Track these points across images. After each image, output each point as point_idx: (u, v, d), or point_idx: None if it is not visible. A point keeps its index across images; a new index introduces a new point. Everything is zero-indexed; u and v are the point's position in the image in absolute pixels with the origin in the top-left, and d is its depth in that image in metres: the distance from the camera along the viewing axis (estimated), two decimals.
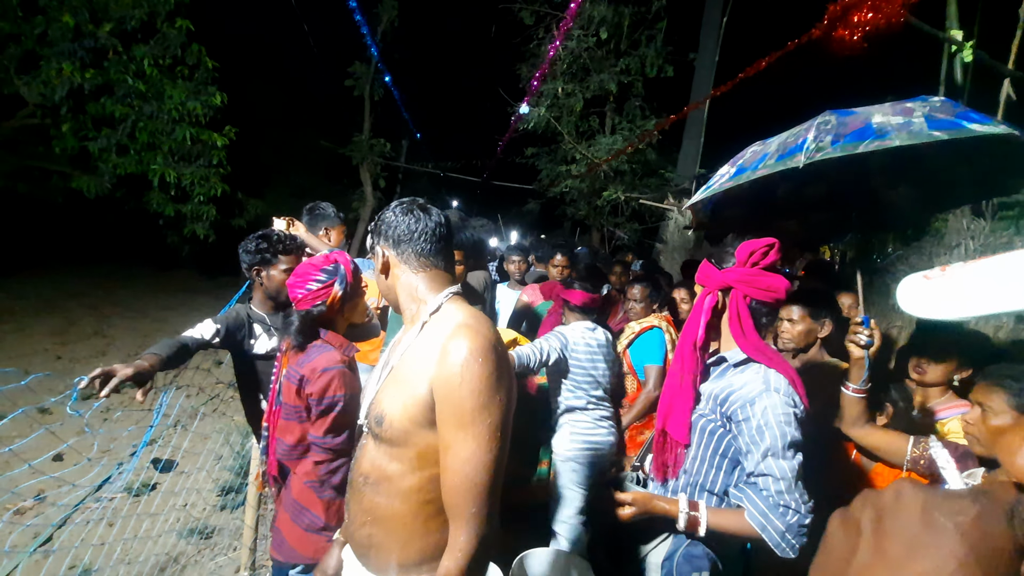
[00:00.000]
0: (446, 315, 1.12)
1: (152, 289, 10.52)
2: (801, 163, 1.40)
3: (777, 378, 1.38)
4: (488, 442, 0.99)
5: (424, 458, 1.07)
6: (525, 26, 9.80)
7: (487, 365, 1.01)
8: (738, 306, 1.45)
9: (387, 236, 1.19)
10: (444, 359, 1.02)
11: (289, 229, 2.47)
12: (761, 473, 1.33)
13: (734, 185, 1.62)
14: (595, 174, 8.87)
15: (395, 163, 14.67)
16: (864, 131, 1.38)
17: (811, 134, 1.46)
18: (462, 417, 0.99)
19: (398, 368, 1.14)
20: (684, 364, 1.51)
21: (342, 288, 1.74)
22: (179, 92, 7.50)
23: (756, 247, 1.44)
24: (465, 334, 1.03)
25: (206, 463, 3.38)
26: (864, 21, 2.68)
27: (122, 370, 1.59)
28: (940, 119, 1.35)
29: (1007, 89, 3.30)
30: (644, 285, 2.98)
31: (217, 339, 2.00)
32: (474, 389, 0.99)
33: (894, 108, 1.44)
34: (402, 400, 1.07)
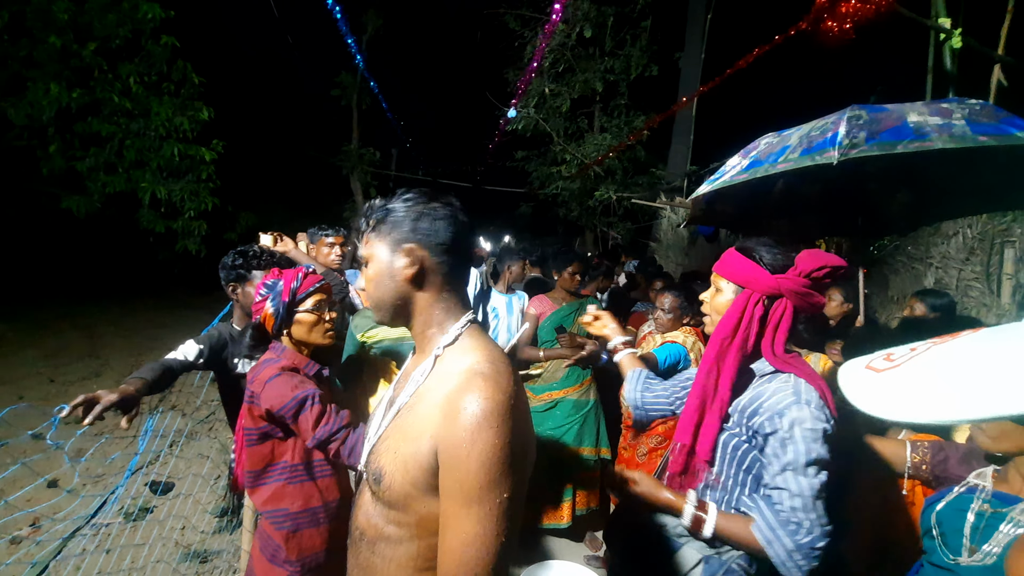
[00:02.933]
0: (462, 351, 0.95)
1: (145, 307, 10.43)
2: (835, 159, 1.32)
3: (808, 390, 1.26)
4: (496, 524, 0.82)
5: (425, 526, 0.91)
6: (510, 31, 9.81)
7: (503, 432, 0.83)
8: (782, 315, 1.32)
9: (431, 238, 0.95)
10: (453, 417, 0.84)
11: (276, 245, 2.43)
12: (777, 487, 1.23)
13: (748, 178, 1.54)
14: (586, 174, 8.85)
15: (385, 172, 14.64)
16: (900, 130, 1.32)
17: (842, 128, 1.38)
18: (468, 493, 0.81)
19: (404, 414, 0.96)
20: (722, 375, 1.34)
21: (274, 306, 1.65)
22: (166, 108, 7.46)
23: (828, 263, 1.28)
24: (480, 388, 0.85)
25: (200, 485, 3.32)
26: (852, 11, 2.66)
27: (106, 397, 1.54)
28: (984, 123, 1.28)
29: (998, 75, 3.29)
30: (676, 295, 2.70)
31: (201, 360, 1.96)
32: (484, 461, 0.81)
33: (929, 108, 1.37)
34: (403, 458, 0.90)
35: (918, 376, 0.37)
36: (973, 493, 1.35)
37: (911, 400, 0.35)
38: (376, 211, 0.97)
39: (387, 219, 0.96)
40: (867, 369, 0.41)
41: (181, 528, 3.13)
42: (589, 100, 9.75)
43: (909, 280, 3.66)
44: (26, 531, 3.07)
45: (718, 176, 1.74)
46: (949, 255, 3.35)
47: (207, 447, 3.95)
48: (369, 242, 0.97)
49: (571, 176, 9.19)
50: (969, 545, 1.28)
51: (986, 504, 1.30)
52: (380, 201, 0.99)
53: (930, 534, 1.39)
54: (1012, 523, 1.23)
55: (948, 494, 1.40)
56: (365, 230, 0.98)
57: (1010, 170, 1.60)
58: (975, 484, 1.37)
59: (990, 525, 1.26)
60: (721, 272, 1.41)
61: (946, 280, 3.38)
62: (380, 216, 0.96)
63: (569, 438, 3.12)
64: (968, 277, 3.26)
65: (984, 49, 3.29)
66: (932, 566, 1.38)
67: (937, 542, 1.35)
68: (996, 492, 1.32)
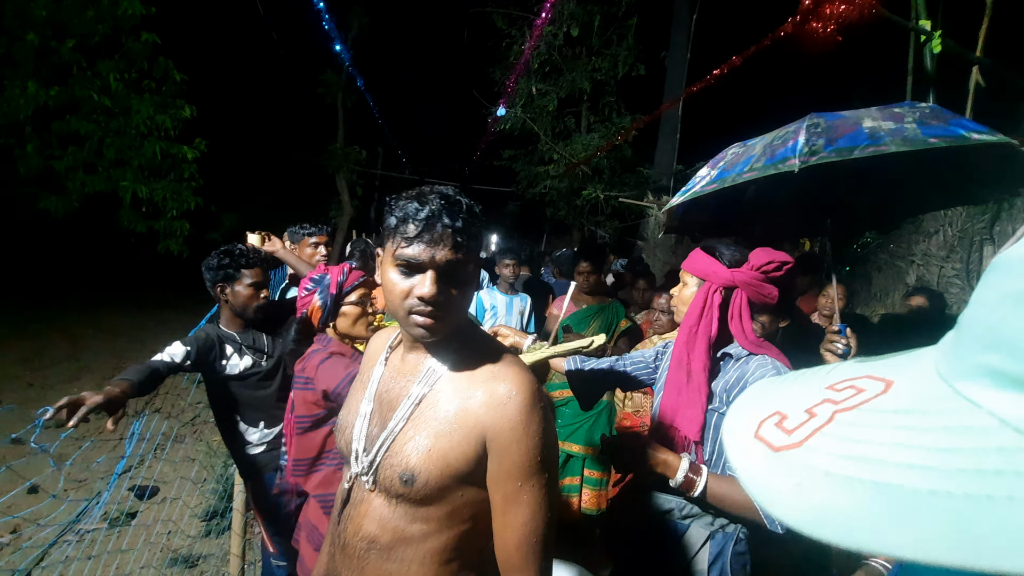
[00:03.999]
0: (476, 345, 1.00)
1: (126, 309, 10.24)
2: (796, 167, 1.38)
3: (782, 367, 1.41)
4: (550, 496, 0.92)
5: (456, 516, 0.95)
6: (497, 29, 9.79)
7: (546, 413, 0.93)
8: (740, 305, 1.46)
9: (479, 240, 0.95)
10: (500, 404, 0.91)
11: (264, 244, 2.40)
12: None
13: (717, 188, 1.61)
14: (573, 174, 8.88)
15: (371, 171, 14.54)
16: (856, 136, 1.37)
17: (802, 137, 1.44)
18: (528, 469, 0.89)
19: (427, 411, 0.96)
20: (692, 361, 1.47)
21: (321, 299, 1.74)
22: (146, 106, 7.33)
23: (775, 259, 1.44)
24: (517, 375, 0.94)
25: (187, 489, 3.27)
26: (836, 14, 2.70)
27: (91, 398, 1.51)
28: (934, 126, 1.34)
29: (976, 76, 3.37)
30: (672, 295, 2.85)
31: (188, 361, 1.93)
32: (538, 440, 0.90)
33: (883, 113, 1.43)
34: (442, 453, 0.92)
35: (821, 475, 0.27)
36: None
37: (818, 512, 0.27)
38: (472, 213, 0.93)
39: (480, 228, 0.95)
40: (757, 441, 0.31)
41: (168, 533, 3.08)
42: (576, 99, 9.77)
43: (891, 277, 3.73)
44: (7, 538, 3.00)
45: (688, 187, 1.79)
46: (930, 253, 3.43)
47: (193, 450, 3.89)
48: (470, 250, 0.93)
49: (558, 175, 9.20)
50: None
51: None
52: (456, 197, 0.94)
53: None
54: None
55: None
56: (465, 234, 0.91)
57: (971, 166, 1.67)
58: None
59: None
60: (687, 268, 1.56)
61: (927, 277, 3.45)
62: (479, 224, 0.94)
63: (578, 436, 3.12)
64: (949, 274, 3.33)
65: (963, 51, 3.37)
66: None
67: None
68: None
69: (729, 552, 1.42)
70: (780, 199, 2.09)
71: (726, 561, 1.41)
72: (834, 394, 0.33)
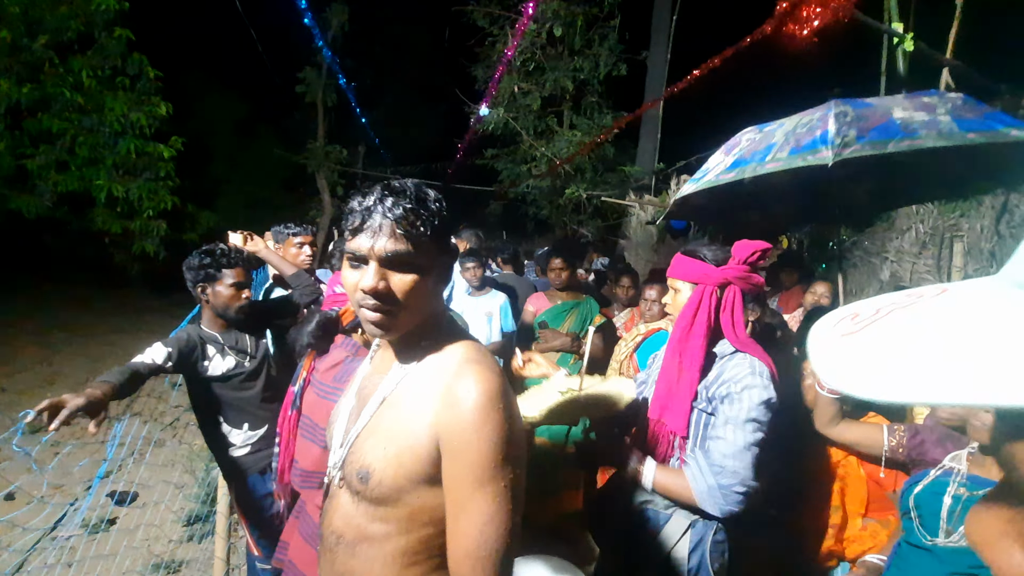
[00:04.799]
0: (447, 342, 0.96)
1: (101, 311, 9.99)
2: (829, 160, 1.30)
3: (761, 366, 1.44)
4: (508, 503, 0.84)
5: (416, 518, 0.91)
6: (479, 28, 9.77)
7: (506, 413, 0.86)
8: (734, 301, 1.50)
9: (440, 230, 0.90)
10: (454, 403, 0.85)
11: (246, 244, 2.37)
12: (715, 437, 1.41)
13: (735, 177, 1.54)
14: (556, 173, 8.91)
15: (352, 169, 14.39)
16: (888, 127, 1.33)
17: (831, 125, 1.37)
18: (480, 474, 0.83)
19: (387, 410, 0.94)
20: (685, 358, 1.51)
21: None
22: (120, 103, 7.17)
23: (756, 248, 1.49)
24: (478, 374, 0.87)
25: (168, 493, 3.21)
26: (813, 16, 2.77)
27: (72, 400, 1.48)
28: (969, 119, 1.31)
29: (946, 78, 3.47)
30: (661, 285, 2.88)
31: (170, 363, 1.91)
32: (494, 441, 0.83)
33: (912, 102, 1.39)
34: (396, 452, 0.89)
35: (877, 345, 0.34)
36: (949, 476, 1.41)
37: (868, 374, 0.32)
38: (433, 205, 0.90)
39: (446, 220, 0.91)
40: (832, 331, 0.39)
41: (149, 538, 3.03)
42: (559, 99, 9.80)
43: (866, 274, 3.83)
44: None
45: (702, 175, 1.73)
46: (903, 249, 3.52)
47: (174, 453, 3.82)
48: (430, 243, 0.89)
49: (541, 175, 9.23)
50: (946, 527, 1.34)
51: (962, 488, 1.36)
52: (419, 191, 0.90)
53: (908, 515, 1.45)
54: None
55: (925, 477, 1.46)
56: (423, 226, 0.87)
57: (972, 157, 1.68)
58: (951, 467, 1.43)
59: (966, 508, 1.32)
60: (675, 275, 1.59)
61: (900, 273, 3.54)
62: (444, 216, 0.90)
63: (555, 433, 3.14)
64: (921, 270, 3.43)
65: (934, 53, 3.47)
66: (910, 546, 1.45)
67: (915, 523, 1.42)
68: (971, 475, 1.38)
69: (708, 541, 1.45)
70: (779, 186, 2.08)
71: (705, 550, 1.45)
72: (902, 299, 0.40)
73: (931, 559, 1.36)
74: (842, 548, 1.86)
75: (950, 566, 1.32)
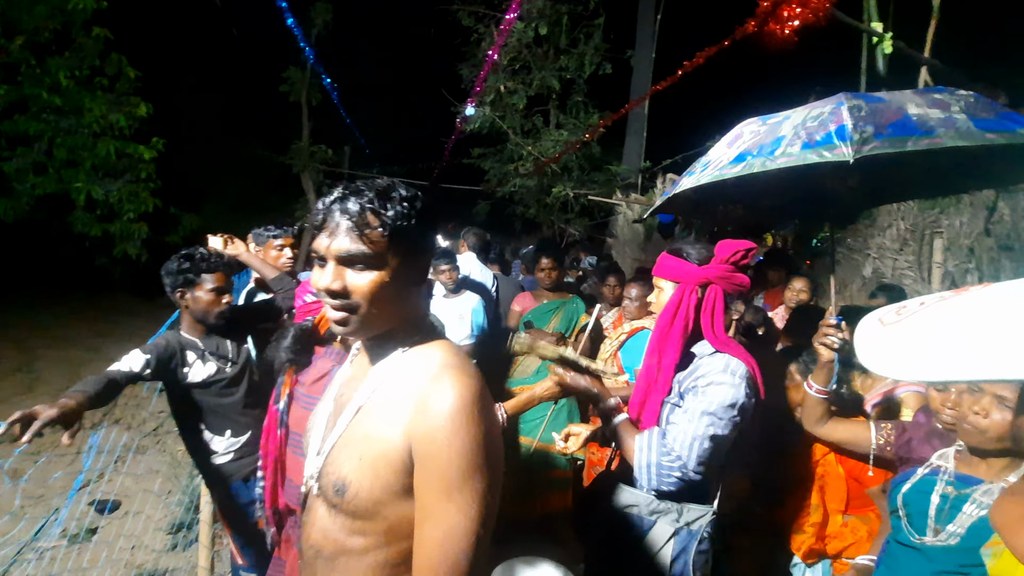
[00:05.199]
0: (424, 347, 0.93)
1: (82, 316, 9.81)
2: (850, 157, 1.24)
3: (737, 365, 1.44)
4: (478, 513, 0.81)
5: (395, 532, 0.88)
6: (464, 27, 9.74)
7: (480, 420, 0.83)
8: (715, 300, 1.50)
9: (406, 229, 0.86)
10: (428, 410, 0.83)
11: (226, 248, 2.33)
12: (671, 422, 1.45)
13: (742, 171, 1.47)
14: (543, 172, 8.91)
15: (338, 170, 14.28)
16: (905, 124, 1.29)
17: (848, 120, 1.30)
18: (448, 483, 0.80)
19: (364, 418, 0.91)
20: (663, 357, 1.52)
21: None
22: (99, 104, 7.04)
23: (739, 248, 1.49)
24: (452, 378, 0.85)
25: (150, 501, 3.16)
26: (793, 16, 2.79)
27: (45, 411, 1.45)
28: (986, 119, 1.29)
29: (924, 76, 3.52)
30: (643, 284, 2.91)
31: (148, 370, 1.87)
32: (465, 449, 0.80)
33: (924, 99, 1.35)
34: (372, 462, 0.86)
35: (921, 332, 0.37)
36: (936, 475, 1.41)
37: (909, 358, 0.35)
38: (399, 205, 0.86)
39: (414, 218, 0.87)
40: (878, 322, 0.41)
41: (132, 548, 2.97)
42: (545, 98, 9.80)
43: (849, 270, 3.87)
44: None
45: (703, 167, 1.65)
46: (885, 246, 3.57)
47: (156, 461, 3.76)
48: (391, 242, 0.85)
49: (528, 174, 9.22)
50: (934, 526, 1.34)
51: (950, 486, 1.37)
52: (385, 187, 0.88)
53: (896, 514, 1.46)
54: (975, 504, 1.29)
55: (913, 475, 1.46)
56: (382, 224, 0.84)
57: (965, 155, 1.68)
58: (938, 465, 1.43)
59: (954, 507, 1.32)
60: (659, 274, 1.60)
61: (882, 270, 3.59)
62: (409, 213, 0.86)
63: (538, 432, 3.14)
64: (902, 266, 3.48)
65: (912, 52, 3.52)
66: (899, 544, 1.45)
67: (903, 522, 1.42)
68: (959, 474, 1.38)
69: (692, 550, 1.45)
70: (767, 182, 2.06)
71: (688, 559, 1.45)
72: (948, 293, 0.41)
73: (920, 558, 1.37)
74: (823, 545, 1.87)
75: (939, 565, 1.32)
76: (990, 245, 3.13)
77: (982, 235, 3.13)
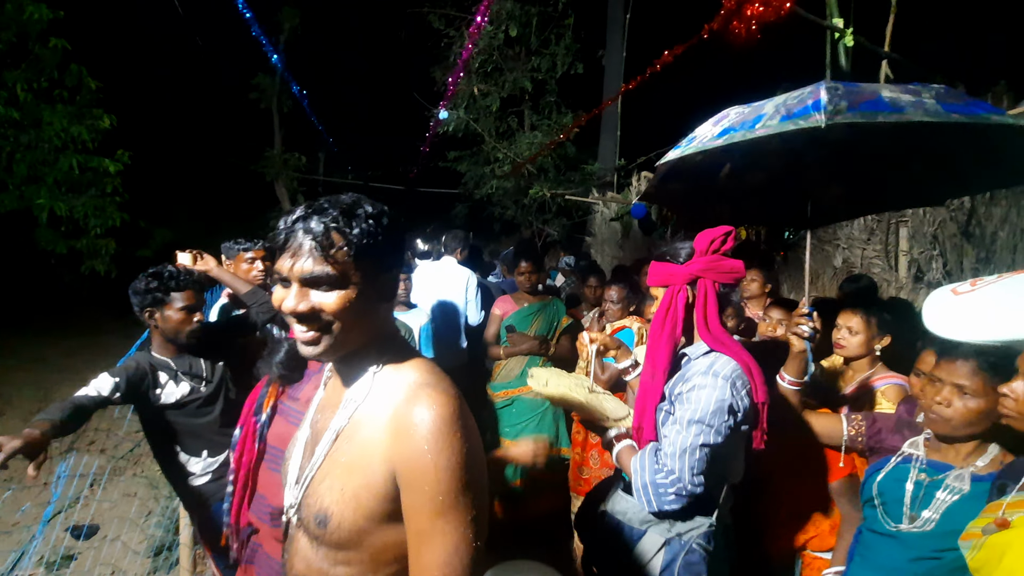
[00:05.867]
0: (398, 368, 0.91)
1: (51, 336, 9.49)
2: (823, 122, 1.34)
3: (724, 365, 1.41)
4: (471, 528, 0.81)
5: (380, 558, 0.87)
6: (435, 30, 9.69)
7: (462, 436, 0.82)
8: (707, 295, 1.47)
9: (373, 247, 0.85)
10: (407, 432, 0.81)
11: (196, 264, 2.28)
12: (663, 435, 1.42)
13: (724, 143, 1.54)
14: (519, 173, 8.92)
15: (313, 177, 14.10)
16: (877, 103, 1.37)
17: (824, 96, 1.39)
18: (440, 504, 0.79)
19: (342, 445, 0.89)
20: (656, 364, 1.50)
21: None
22: (59, 117, 6.85)
23: (715, 235, 1.47)
24: (430, 398, 0.83)
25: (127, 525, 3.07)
26: (756, 14, 2.84)
27: (8, 444, 1.39)
28: (953, 103, 1.37)
29: (885, 70, 3.61)
30: (622, 286, 2.96)
31: (117, 394, 1.81)
32: (451, 467, 0.79)
33: (898, 87, 1.45)
34: (354, 492, 0.84)
35: (993, 299, 0.41)
36: (909, 463, 1.45)
37: (978, 321, 0.40)
38: (363, 223, 0.84)
39: (378, 237, 0.85)
40: (950, 293, 0.45)
41: (111, 573, 2.89)
42: (519, 99, 9.81)
43: (820, 260, 3.95)
44: None
45: (689, 141, 1.70)
46: (853, 236, 3.65)
47: (133, 484, 3.66)
48: (355, 261, 0.84)
49: (504, 175, 9.23)
50: (909, 513, 1.38)
51: (923, 473, 1.40)
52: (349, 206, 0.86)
53: (871, 503, 1.48)
54: (948, 490, 1.33)
55: (886, 464, 1.50)
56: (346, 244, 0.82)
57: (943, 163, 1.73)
58: (910, 454, 1.47)
59: (928, 493, 1.36)
60: (650, 283, 1.58)
61: (852, 259, 3.67)
62: (373, 232, 0.85)
63: (526, 436, 3.14)
64: (870, 255, 3.56)
65: (873, 47, 3.61)
66: (873, 533, 1.48)
67: (879, 511, 1.45)
68: (930, 460, 1.42)
69: (680, 560, 1.43)
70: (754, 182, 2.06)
71: (675, 569, 1.43)
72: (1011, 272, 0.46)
73: (896, 545, 1.40)
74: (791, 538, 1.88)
75: (915, 551, 1.36)
76: (953, 232, 3.23)
77: (945, 222, 3.22)
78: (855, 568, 1.53)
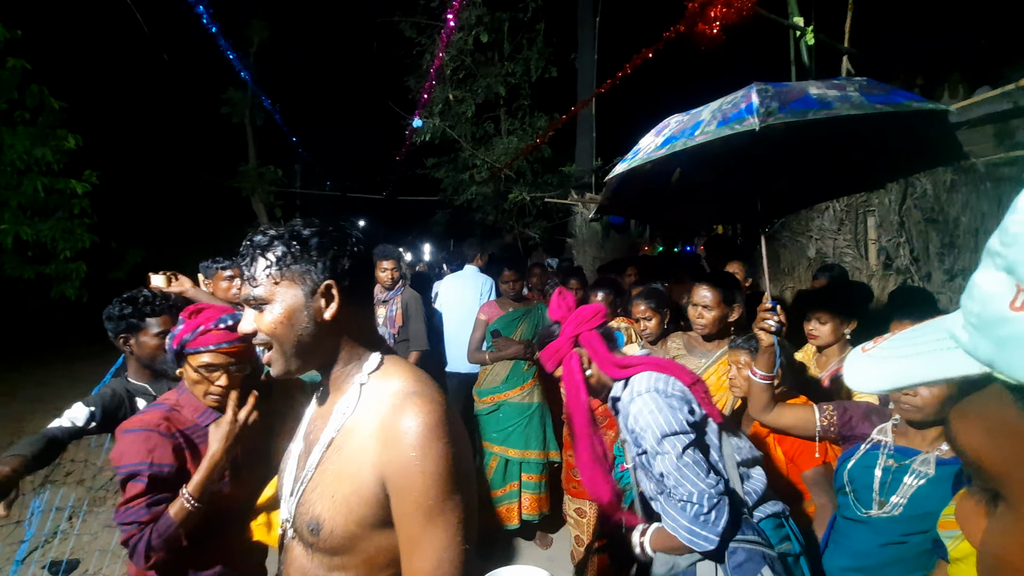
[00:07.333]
0: (385, 378, 0.94)
1: (21, 365, 9.21)
2: (756, 126, 1.38)
3: (639, 380, 1.45)
4: (460, 532, 0.84)
5: (374, 563, 0.90)
6: (407, 39, 9.68)
7: (448, 442, 0.85)
8: (592, 342, 1.52)
9: (347, 271, 0.92)
10: (396, 440, 0.84)
11: (171, 286, 2.24)
12: (660, 473, 1.37)
13: (666, 153, 1.59)
14: (497, 178, 8.94)
15: (290, 190, 13.95)
16: (806, 100, 1.42)
17: (755, 99, 1.45)
18: (429, 509, 0.82)
19: (332, 455, 0.92)
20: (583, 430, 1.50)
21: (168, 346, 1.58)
22: (21, 139, 6.65)
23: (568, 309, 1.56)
24: (416, 406, 0.86)
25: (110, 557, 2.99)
26: (719, 15, 2.90)
27: None
28: (877, 94, 1.43)
29: (846, 65, 3.71)
30: (607, 292, 3.03)
31: (93, 423, 1.76)
32: (438, 473, 0.83)
33: (824, 84, 1.51)
34: (344, 499, 0.87)
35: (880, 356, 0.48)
36: (878, 449, 1.48)
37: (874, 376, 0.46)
38: (283, 246, 0.91)
39: (302, 256, 0.90)
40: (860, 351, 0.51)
41: None
42: (493, 104, 9.84)
43: (795, 252, 4.03)
44: None
45: (633, 155, 1.76)
46: (824, 227, 3.73)
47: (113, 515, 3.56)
48: (278, 282, 0.90)
49: (483, 181, 9.23)
50: (878, 498, 1.41)
51: (890, 459, 1.44)
52: (276, 232, 0.93)
53: (843, 490, 1.52)
54: (914, 475, 1.37)
55: (856, 452, 1.53)
56: (268, 267, 0.90)
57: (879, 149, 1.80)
58: (879, 440, 1.51)
59: (896, 479, 1.39)
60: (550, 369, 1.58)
61: (824, 249, 3.75)
62: (295, 252, 0.90)
63: (514, 441, 3.14)
64: (841, 245, 3.65)
65: (833, 43, 3.72)
66: (846, 520, 1.51)
67: (850, 498, 1.48)
68: (897, 446, 1.46)
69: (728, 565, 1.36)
70: (704, 184, 2.13)
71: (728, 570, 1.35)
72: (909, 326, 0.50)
73: (866, 530, 1.43)
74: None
75: (884, 536, 1.39)
76: (918, 219, 3.32)
77: (909, 210, 3.31)
78: (829, 554, 1.56)
